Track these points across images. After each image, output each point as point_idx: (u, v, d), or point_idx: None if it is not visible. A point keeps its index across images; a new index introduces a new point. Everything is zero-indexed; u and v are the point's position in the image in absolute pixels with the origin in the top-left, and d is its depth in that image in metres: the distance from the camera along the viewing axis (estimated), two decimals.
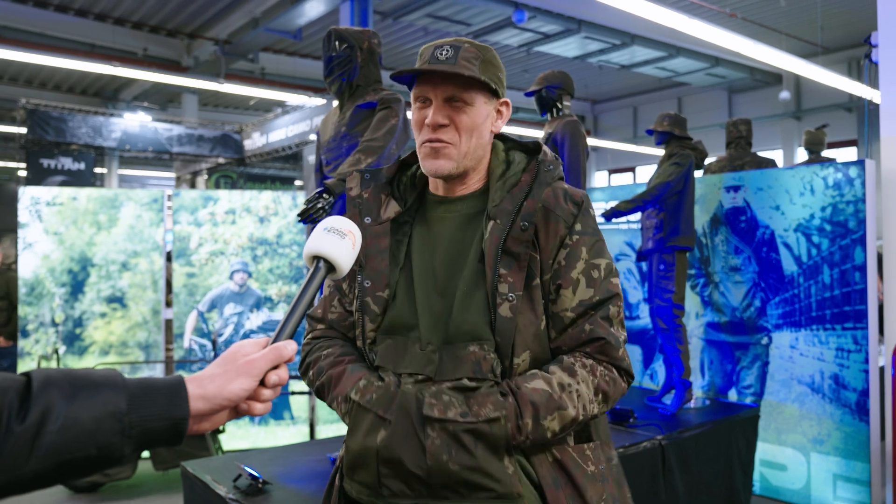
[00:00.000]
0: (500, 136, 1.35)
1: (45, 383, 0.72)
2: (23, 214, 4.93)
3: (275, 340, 0.89)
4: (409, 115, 1.31)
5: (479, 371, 1.15)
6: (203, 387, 0.81)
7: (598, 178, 20.09)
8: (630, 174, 19.16)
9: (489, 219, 1.20)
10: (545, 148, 1.28)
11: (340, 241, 0.98)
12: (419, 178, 1.35)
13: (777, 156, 15.16)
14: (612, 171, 19.75)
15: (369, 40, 2.74)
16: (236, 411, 0.86)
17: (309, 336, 1.38)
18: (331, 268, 0.98)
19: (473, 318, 1.17)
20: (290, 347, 0.89)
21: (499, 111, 1.29)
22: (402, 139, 2.57)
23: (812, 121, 14.08)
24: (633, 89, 17.79)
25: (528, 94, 3.45)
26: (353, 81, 2.73)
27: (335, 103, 2.88)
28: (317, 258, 0.98)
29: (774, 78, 14.86)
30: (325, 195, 2.38)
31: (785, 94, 12.89)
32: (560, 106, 3.37)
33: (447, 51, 1.20)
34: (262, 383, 0.86)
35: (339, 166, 2.61)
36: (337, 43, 2.71)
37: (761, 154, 5.06)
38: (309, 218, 2.35)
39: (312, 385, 1.29)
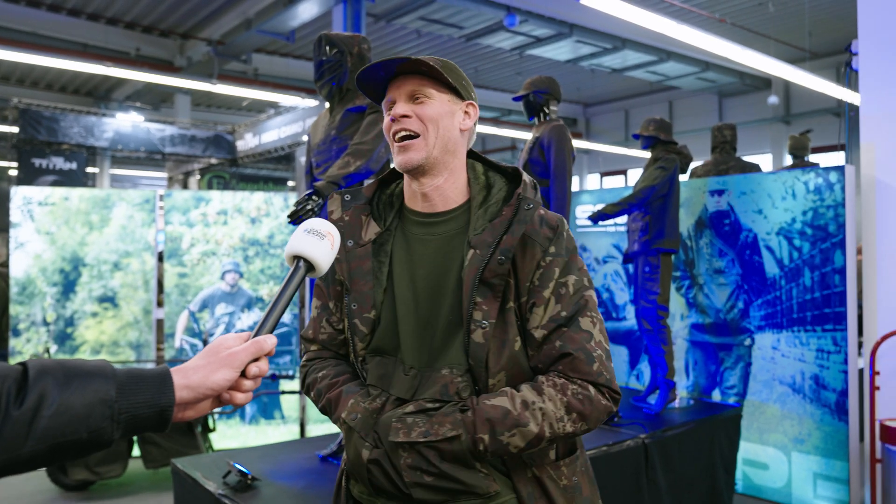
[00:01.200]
0: (477, 157, 1.39)
1: (41, 372, 0.78)
2: (14, 214, 4.95)
3: (256, 335, 0.95)
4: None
5: (445, 393, 1.20)
6: (187, 377, 0.88)
7: (590, 181, 20.20)
8: (622, 177, 19.28)
9: (469, 247, 1.24)
10: (525, 177, 1.30)
11: (320, 241, 1.04)
12: (397, 195, 1.38)
13: (766, 160, 15.30)
14: (603, 174, 19.86)
15: (359, 45, 2.80)
16: (219, 400, 0.93)
17: (304, 358, 1.43)
18: (310, 267, 1.04)
19: (450, 343, 1.23)
20: (269, 341, 0.95)
21: (466, 112, 1.33)
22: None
23: (801, 125, 14.22)
24: (625, 93, 17.92)
25: (517, 99, 3.51)
26: (343, 85, 2.79)
27: (326, 106, 2.93)
28: (297, 258, 1.04)
29: (764, 83, 15.01)
30: (314, 197, 2.44)
31: (773, 99, 13.03)
32: (547, 110, 3.43)
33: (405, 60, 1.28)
34: (244, 374, 0.93)
35: (328, 169, 2.66)
36: (328, 48, 2.77)
37: (750, 158, 5.14)
38: (298, 219, 2.40)
39: (317, 405, 1.37)
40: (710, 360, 4.20)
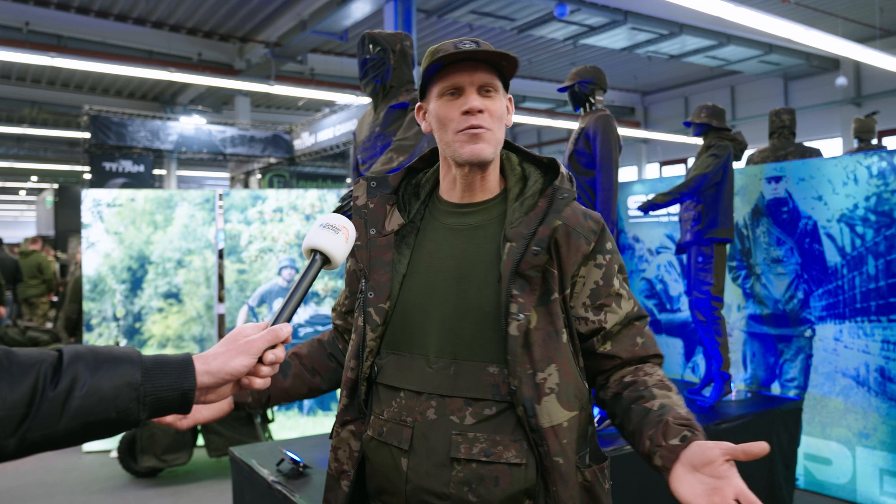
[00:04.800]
0: (513, 148, 1.38)
1: (74, 357, 0.86)
2: (86, 215, 5.23)
3: (273, 324, 1.00)
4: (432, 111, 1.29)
5: (497, 394, 1.18)
6: (208, 363, 0.95)
7: (650, 170, 19.77)
8: (682, 166, 18.79)
9: (506, 240, 1.22)
10: (563, 170, 1.30)
11: (335, 235, 1.09)
12: (423, 185, 1.37)
13: (836, 144, 14.65)
14: (663, 164, 19.41)
15: (402, 43, 2.84)
16: (239, 385, 0.99)
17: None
18: (326, 260, 1.09)
19: (485, 336, 1.20)
20: (285, 330, 1.00)
21: (507, 107, 1.31)
22: (432, 138, 2.65)
23: (873, 107, 13.54)
24: (684, 79, 17.43)
25: (562, 90, 3.48)
26: (386, 83, 2.83)
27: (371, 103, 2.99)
28: (313, 251, 1.09)
29: (832, 63, 14.35)
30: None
31: (842, 80, 12.43)
32: (593, 101, 3.39)
33: (469, 43, 1.22)
34: (261, 361, 0.99)
35: (373, 165, 2.71)
36: (371, 46, 2.82)
37: (819, 143, 4.95)
38: (344, 216, 2.46)
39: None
40: (768, 352, 4.08)
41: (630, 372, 1.27)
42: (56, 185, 21.04)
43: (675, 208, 4.37)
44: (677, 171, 18.70)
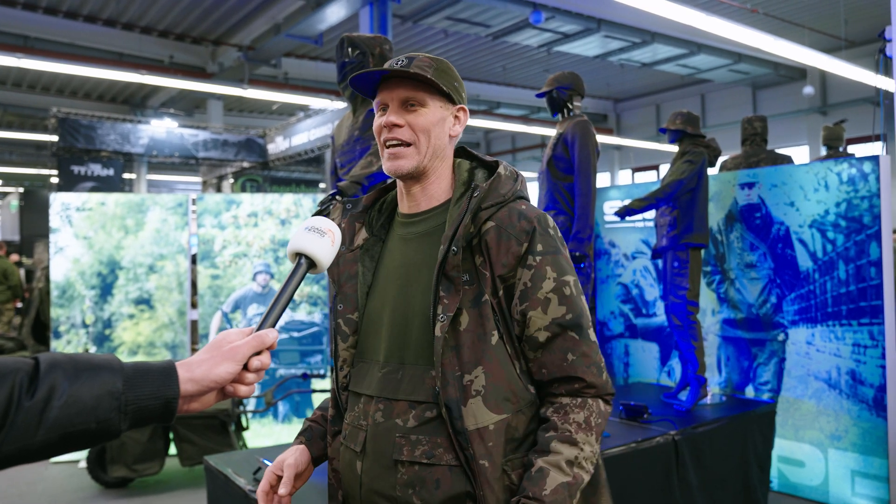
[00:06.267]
0: (466, 154, 1.40)
1: (52, 365, 0.82)
2: (54, 220, 5.11)
3: (258, 329, 0.98)
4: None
5: (436, 396, 1.19)
6: (191, 370, 0.91)
7: (622, 177, 19.99)
8: (654, 172, 19.04)
9: (441, 244, 1.24)
10: (500, 170, 1.31)
11: (320, 239, 1.07)
12: (388, 203, 1.41)
13: (803, 152, 14.96)
14: (635, 170, 19.64)
15: (381, 46, 2.82)
16: (223, 393, 0.96)
17: None
18: (311, 264, 1.07)
19: (428, 341, 1.22)
20: (270, 335, 0.98)
21: (456, 116, 1.33)
22: None
23: (838, 116, 13.87)
24: (656, 87, 17.68)
25: (540, 96, 3.50)
26: None
27: (350, 107, 2.96)
28: (298, 255, 1.06)
29: (799, 73, 14.68)
30: (338, 197, 2.46)
31: (809, 90, 12.72)
32: (570, 106, 3.41)
33: (402, 60, 1.27)
34: (246, 367, 0.96)
35: (352, 169, 2.69)
36: (350, 49, 2.80)
37: (787, 151, 5.05)
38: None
39: None
40: (742, 356, 4.14)
41: (555, 406, 1.23)
42: (21, 189, 20.57)
43: (651, 214, 4.42)
44: (649, 178, 18.93)
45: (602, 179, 20.18)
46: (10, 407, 0.77)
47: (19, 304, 9.91)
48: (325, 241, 1.07)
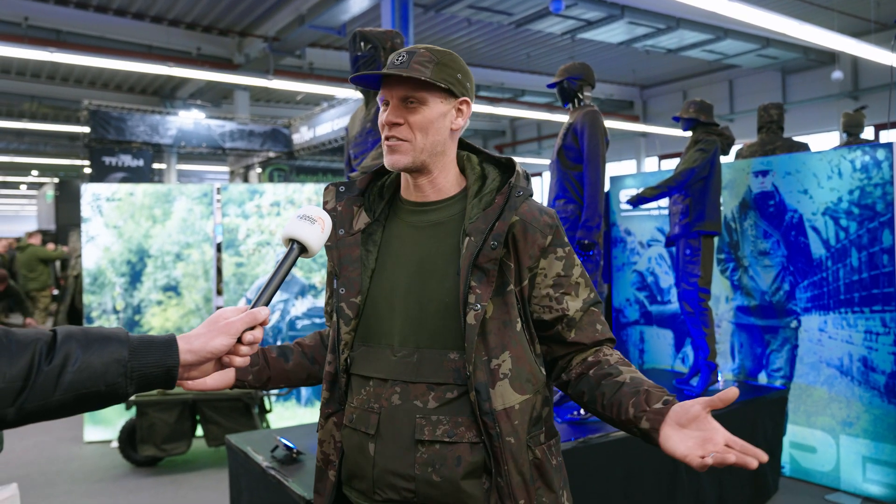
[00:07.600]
0: (472, 149, 1.45)
1: (67, 336, 0.95)
2: (85, 210, 5.30)
3: (252, 307, 1.08)
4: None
5: (458, 378, 1.27)
6: (190, 343, 1.03)
7: (648, 164, 19.81)
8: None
9: (465, 235, 1.29)
10: (518, 168, 1.37)
11: (311, 225, 1.17)
12: (387, 186, 1.44)
13: (833, 137, 14.69)
14: (661, 157, 19.45)
15: (392, 40, 2.90)
16: (220, 363, 1.08)
17: None
18: (303, 248, 1.17)
19: (445, 325, 1.28)
20: (263, 312, 1.08)
21: (459, 109, 1.36)
22: None
23: (870, 100, 13.58)
24: (682, 73, 17.44)
25: (551, 86, 3.55)
26: None
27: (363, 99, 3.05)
28: (291, 240, 1.17)
29: (829, 57, 14.38)
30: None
31: (838, 74, 12.46)
32: (581, 96, 3.46)
33: (402, 56, 1.30)
34: (240, 341, 1.07)
35: (364, 160, 2.78)
36: (362, 43, 2.88)
37: (816, 136, 5.02)
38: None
39: None
40: (755, 343, 4.16)
41: (591, 353, 1.36)
42: (56, 180, 21.12)
43: (665, 202, 4.44)
44: (676, 165, 18.70)
45: (628, 167, 20.03)
46: (31, 371, 0.89)
47: (55, 292, 10.26)
48: (315, 227, 1.17)
